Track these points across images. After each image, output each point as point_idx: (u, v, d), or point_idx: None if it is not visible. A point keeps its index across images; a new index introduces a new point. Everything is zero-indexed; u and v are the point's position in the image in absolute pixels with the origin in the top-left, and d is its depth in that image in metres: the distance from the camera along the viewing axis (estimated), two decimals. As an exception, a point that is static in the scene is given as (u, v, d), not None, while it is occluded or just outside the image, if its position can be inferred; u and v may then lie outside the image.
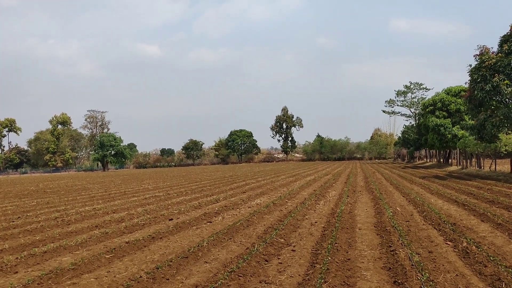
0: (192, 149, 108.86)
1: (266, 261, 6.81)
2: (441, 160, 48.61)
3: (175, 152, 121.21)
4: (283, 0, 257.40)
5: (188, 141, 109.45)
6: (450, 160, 44.71)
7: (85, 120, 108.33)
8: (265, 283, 5.67)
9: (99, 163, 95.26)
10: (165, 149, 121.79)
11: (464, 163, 34.76)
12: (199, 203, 15.35)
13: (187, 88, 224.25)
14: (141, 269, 6.60)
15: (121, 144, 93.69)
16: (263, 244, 7.86)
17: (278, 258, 6.95)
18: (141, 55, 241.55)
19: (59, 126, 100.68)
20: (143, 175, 50.02)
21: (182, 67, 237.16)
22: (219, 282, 5.66)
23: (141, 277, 6.09)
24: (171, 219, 11.67)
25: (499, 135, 23.52)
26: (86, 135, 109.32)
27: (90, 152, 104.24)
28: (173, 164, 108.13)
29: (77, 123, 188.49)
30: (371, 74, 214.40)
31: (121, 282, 5.94)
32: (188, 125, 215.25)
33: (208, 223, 10.81)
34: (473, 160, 33.57)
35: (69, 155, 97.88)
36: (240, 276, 5.94)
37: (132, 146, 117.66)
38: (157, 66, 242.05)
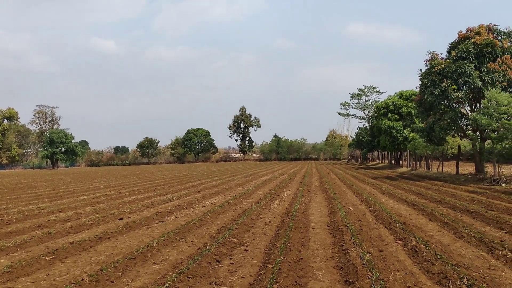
0: (148, 147, 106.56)
1: (218, 261, 6.62)
2: (393, 161, 50.31)
3: (130, 150, 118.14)
4: (243, 1, 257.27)
5: (144, 139, 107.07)
6: (401, 162, 46.37)
7: (34, 115, 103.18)
8: (215, 284, 5.48)
9: (48, 160, 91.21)
10: (119, 147, 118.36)
11: (414, 165, 36.12)
12: (151, 202, 14.90)
13: (144, 86, 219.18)
14: (84, 271, 6.21)
15: (72, 141, 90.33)
16: (216, 244, 7.67)
17: (230, 259, 6.78)
18: (97, 50, 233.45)
19: (5, 121, 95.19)
20: (95, 173, 48.29)
21: (139, 64, 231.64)
22: (167, 284, 5.42)
23: (83, 280, 5.72)
24: (121, 219, 11.21)
25: (446, 138, 24.57)
26: (35, 131, 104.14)
27: (39, 149, 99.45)
28: (128, 162, 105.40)
29: (25, 118, 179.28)
30: (328, 77, 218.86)
31: (60, 286, 5.54)
32: (144, 123, 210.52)
33: (160, 223, 10.46)
34: (422, 162, 34.96)
35: (16, 152, 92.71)
36: (189, 277, 5.72)
37: (84, 144, 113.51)
38: (113, 63, 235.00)
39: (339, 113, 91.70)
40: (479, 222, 9.54)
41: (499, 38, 22.69)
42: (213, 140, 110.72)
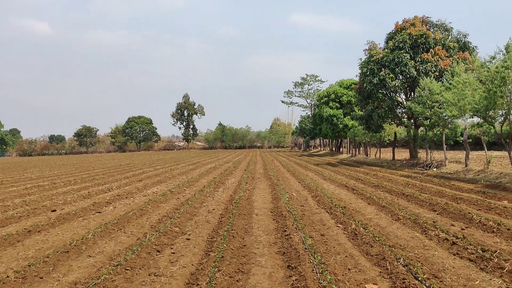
0: (86, 136, 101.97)
1: (158, 251, 6.38)
2: (334, 148, 51.86)
3: (66, 139, 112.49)
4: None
5: (81, 127, 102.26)
6: (341, 149, 47.91)
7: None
8: (155, 275, 5.25)
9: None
10: (54, 135, 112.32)
11: (354, 151, 37.42)
12: (88, 192, 14.18)
13: (81, 71, 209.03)
14: (10, 267, 5.72)
15: (2, 130, 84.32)
16: (156, 234, 7.39)
17: (171, 248, 6.55)
18: (28, 33, 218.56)
19: None
20: (27, 163, 45.42)
21: (76, 49, 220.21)
22: (103, 278, 5.10)
23: (8, 277, 5.25)
24: (54, 210, 10.54)
25: (383, 125, 25.60)
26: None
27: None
28: (64, 152, 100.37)
29: None
30: (272, 66, 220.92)
31: (-19, 285, 5.06)
32: (81, 110, 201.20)
33: (97, 214, 9.95)
34: (361, 148, 36.29)
35: None
36: (127, 269, 5.43)
37: (15, 132, 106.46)
38: (47, 46, 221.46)
39: (283, 101, 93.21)
40: (413, 204, 10.00)
41: (432, 30, 23.85)
42: (156, 128, 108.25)
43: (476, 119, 17.56)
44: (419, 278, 4.71)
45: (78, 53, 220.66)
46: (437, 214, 8.68)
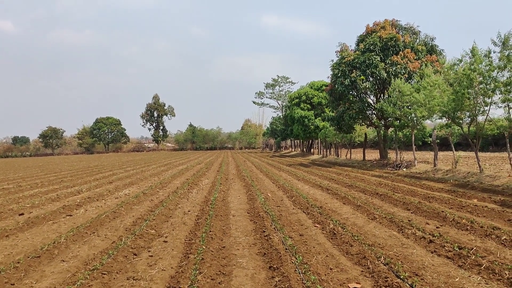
0: (51, 137, 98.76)
1: (135, 254, 6.20)
2: (305, 149, 52.32)
3: (31, 140, 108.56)
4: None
5: (47, 129, 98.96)
6: (312, 150, 48.37)
7: None
8: (134, 279, 5.09)
9: None
10: (18, 137, 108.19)
11: (324, 152, 37.82)
12: (57, 195, 13.70)
13: (47, 71, 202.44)
14: (-23, 275, 5.42)
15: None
16: (132, 236, 7.19)
17: (149, 251, 6.38)
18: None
19: None
20: (-11, 165, 43.57)
21: (41, 47, 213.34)
22: (79, 283, 4.90)
23: (-25, 285, 4.97)
24: (22, 214, 10.11)
25: (354, 126, 26.00)
26: None
27: None
28: (29, 154, 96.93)
29: None
30: (243, 67, 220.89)
31: None
32: (47, 111, 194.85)
33: (68, 217, 9.61)
34: (332, 149, 36.73)
35: None
36: (104, 274, 5.24)
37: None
38: (11, 45, 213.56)
39: (254, 102, 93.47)
40: (388, 204, 10.16)
41: (401, 33, 24.43)
42: (125, 130, 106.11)
43: (444, 120, 18.06)
44: (401, 276, 4.76)
45: (43, 52, 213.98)
46: (411, 213, 8.85)
